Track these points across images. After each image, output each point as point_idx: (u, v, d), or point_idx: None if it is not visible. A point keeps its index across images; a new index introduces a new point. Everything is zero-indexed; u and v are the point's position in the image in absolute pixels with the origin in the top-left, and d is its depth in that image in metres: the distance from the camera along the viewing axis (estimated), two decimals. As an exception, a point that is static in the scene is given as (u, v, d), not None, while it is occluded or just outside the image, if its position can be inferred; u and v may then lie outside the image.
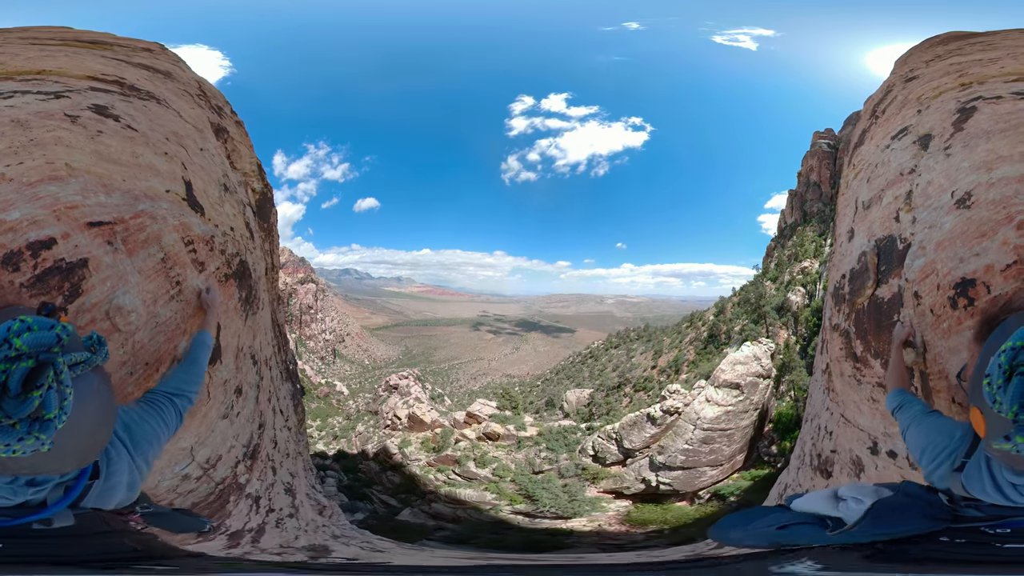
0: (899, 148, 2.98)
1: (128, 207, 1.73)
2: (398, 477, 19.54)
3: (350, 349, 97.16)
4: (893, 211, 2.69)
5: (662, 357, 38.59)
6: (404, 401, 25.55)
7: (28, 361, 1.01)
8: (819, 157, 44.48)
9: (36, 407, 0.99)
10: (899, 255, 2.51)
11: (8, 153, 1.62)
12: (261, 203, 5.60)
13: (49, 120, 1.82)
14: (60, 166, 1.64)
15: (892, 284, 2.58)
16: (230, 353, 2.85)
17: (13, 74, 2.37)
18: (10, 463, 1.06)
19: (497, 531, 13.40)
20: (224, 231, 2.73)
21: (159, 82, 3.24)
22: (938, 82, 3.22)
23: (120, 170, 1.83)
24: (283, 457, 4.91)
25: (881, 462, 2.94)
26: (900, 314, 2.44)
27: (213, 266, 2.41)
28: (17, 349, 1.01)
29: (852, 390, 3.19)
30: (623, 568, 4.63)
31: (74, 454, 1.13)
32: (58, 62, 2.63)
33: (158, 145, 2.27)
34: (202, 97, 4.08)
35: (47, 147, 1.72)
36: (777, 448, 17.91)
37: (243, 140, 4.90)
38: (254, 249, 3.66)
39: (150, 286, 1.75)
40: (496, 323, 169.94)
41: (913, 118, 3.06)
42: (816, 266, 34.88)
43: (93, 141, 1.85)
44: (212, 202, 2.70)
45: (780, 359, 22.73)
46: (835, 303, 3.44)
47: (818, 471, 4.25)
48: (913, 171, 2.69)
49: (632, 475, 17.21)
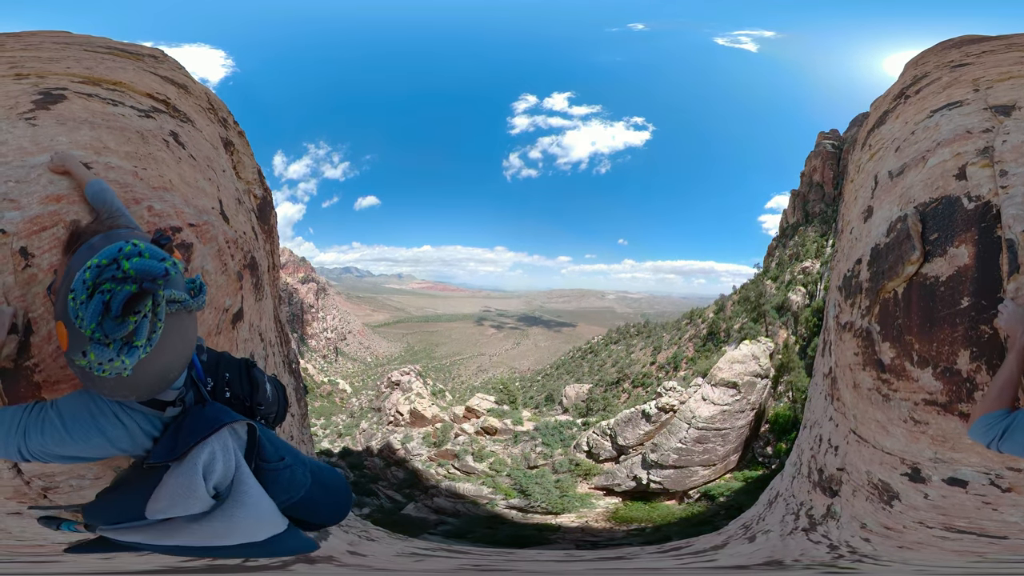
0: (955, 114, 2.58)
1: (199, 216, 2.39)
2: (402, 472, 19.80)
3: (352, 347, 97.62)
4: (954, 168, 2.22)
5: (661, 353, 38.70)
6: (406, 397, 25.81)
7: (132, 286, 1.02)
8: (823, 157, 44.31)
9: (129, 331, 1.01)
10: (968, 216, 2.01)
11: (137, 157, 2.20)
12: (262, 207, 5.83)
13: (155, 140, 2.43)
14: (167, 180, 2.26)
15: (955, 256, 2.01)
16: (247, 320, 3.23)
17: (100, 81, 2.74)
18: (99, 383, 1.07)
19: (491, 525, 13.60)
20: (241, 234, 3.25)
21: (184, 99, 3.61)
22: (1006, 69, 2.92)
23: (191, 191, 2.46)
24: (287, 439, 5.18)
25: (935, 490, 2.42)
26: (1015, 283, 1.80)
27: (238, 258, 2.99)
28: (124, 272, 1.02)
29: (873, 407, 2.61)
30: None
31: (143, 387, 1.13)
32: (127, 75, 3.04)
33: (204, 171, 2.84)
34: (211, 111, 4.33)
35: (159, 163, 2.30)
36: (773, 449, 17.86)
37: (245, 150, 5.14)
38: (259, 248, 3.99)
39: (215, 263, 2.50)
40: (499, 318, 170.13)
41: (970, 94, 2.74)
42: (817, 266, 34.87)
43: (178, 165, 2.47)
44: (232, 213, 3.23)
45: (779, 359, 22.68)
46: (846, 296, 2.86)
47: (818, 487, 3.89)
48: (988, 131, 2.28)
49: (624, 472, 17.30)
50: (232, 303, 2.73)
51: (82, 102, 2.35)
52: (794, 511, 4.65)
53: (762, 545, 5.06)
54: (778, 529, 4.91)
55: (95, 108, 2.35)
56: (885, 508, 2.87)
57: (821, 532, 3.87)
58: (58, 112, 2.18)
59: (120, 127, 2.29)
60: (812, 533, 4.03)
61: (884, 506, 2.86)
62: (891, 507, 2.79)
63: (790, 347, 26.59)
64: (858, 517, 3.25)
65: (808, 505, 4.27)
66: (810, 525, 4.12)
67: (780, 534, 4.75)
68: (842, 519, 3.50)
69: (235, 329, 2.84)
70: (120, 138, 2.21)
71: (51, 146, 1.95)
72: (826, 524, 3.78)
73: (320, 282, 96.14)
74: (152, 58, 4.08)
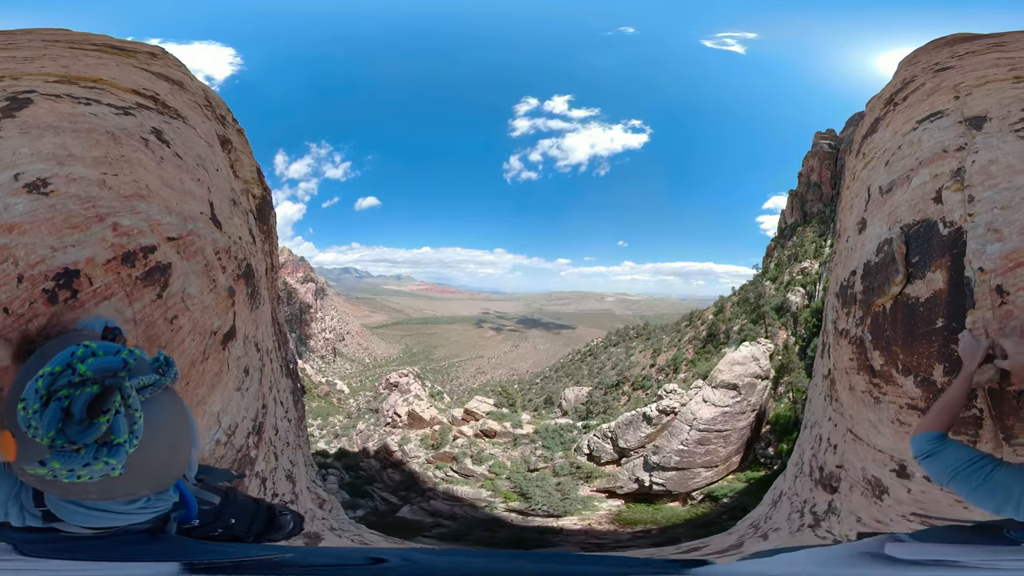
0: (935, 128, 2.65)
1: (182, 226, 2.19)
2: (398, 474, 19.72)
3: (350, 348, 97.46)
4: (932, 191, 2.30)
5: (661, 356, 38.69)
6: (404, 399, 25.72)
7: (93, 387, 1.00)
8: (820, 157, 44.40)
9: (104, 432, 0.98)
10: (943, 242, 2.11)
11: (107, 162, 2.01)
12: (261, 206, 5.75)
13: (131, 139, 2.23)
14: (143, 186, 2.06)
15: (932, 279, 2.13)
16: (241, 336, 3.11)
17: (77, 79, 2.59)
18: (74, 488, 1.04)
19: (490, 529, 13.53)
20: (235, 240, 3.08)
21: (177, 95, 3.47)
22: (983, 73, 2.98)
23: (174, 195, 2.26)
24: (284, 445, 5.09)
25: (916, 486, 2.61)
26: (971, 317, 1.91)
27: (230, 269, 2.81)
28: (81, 375, 1.00)
29: (866, 408, 2.78)
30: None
31: (148, 478, 1.12)
32: (110, 71, 2.88)
33: (193, 171, 2.65)
34: (208, 108, 4.24)
35: (133, 166, 2.10)
36: (774, 450, 17.87)
37: (244, 148, 5.05)
38: (256, 252, 3.90)
39: (200, 282, 2.30)
40: (498, 320, 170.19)
41: (950, 103, 2.80)
42: (816, 266, 34.91)
43: (159, 167, 2.28)
44: (226, 217, 3.06)
45: (779, 360, 22.69)
46: (842, 304, 2.99)
47: (820, 484, 4.05)
48: (962, 148, 2.34)
49: (626, 474, 17.31)
50: (222, 323, 2.58)
51: (49, 104, 2.20)
52: (799, 509, 4.71)
53: (776, 543, 5.11)
54: (786, 527, 4.97)
55: (62, 110, 2.21)
56: (876, 502, 2.98)
57: (825, 528, 3.94)
58: (23, 119, 2.04)
59: (87, 129, 2.14)
60: (817, 529, 4.11)
61: (876, 500, 2.98)
62: (881, 501, 2.92)
63: (790, 348, 26.60)
64: (855, 512, 3.36)
65: (811, 502, 4.35)
66: (815, 522, 4.19)
67: (789, 532, 4.81)
68: (842, 514, 3.60)
69: (226, 349, 2.70)
70: (87, 141, 2.06)
71: (12, 161, 1.78)
72: (828, 520, 3.87)
73: (319, 282, 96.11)
74: (148, 55, 4.00)
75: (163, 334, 2.02)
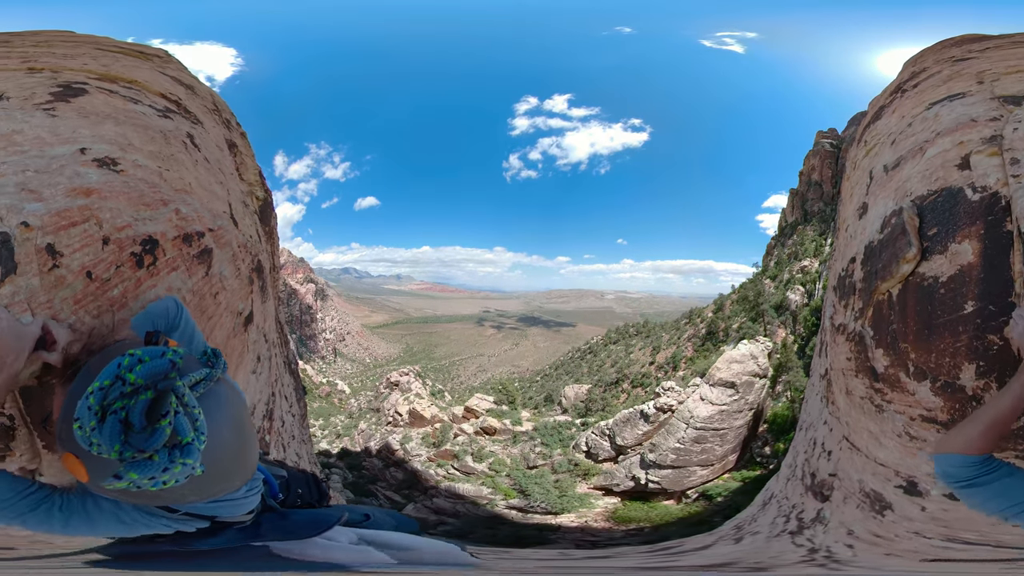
0: (958, 104, 2.36)
1: (215, 221, 2.39)
2: (401, 473, 19.86)
3: (351, 348, 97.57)
4: (955, 158, 1.99)
5: (660, 353, 38.77)
6: (405, 397, 25.85)
7: (147, 393, 0.99)
8: (821, 156, 44.43)
9: (170, 435, 0.97)
10: (972, 209, 1.76)
11: (161, 157, 2.14)
12: (263, 208, 5.87)
13: (176, 140, 2.39)
14: (187, 183, 2.24)
15: (957, 252, 1.74)
16: (256, 322, 3.26)
17: (116, 79, 2.66)
18: (166, 495, 1.03)
19: (492, 526, 13.65)
20: (248, 238, 3.27)
21: (193, 100, 3.59)
22: (1014, 63, 2.69)
23: (206, 194, 2.44)
24: (290, 438, 5.23)
25: (934, 504, 2.26)
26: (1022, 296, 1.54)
27: (247, 261, 3.01)
28: (132, 383, 0.99)
29: (867, 417, 2.41)
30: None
31: (234, 468, 1.13)
32: (142, 74, 2.99)
33: (216, 175, 2.82)
34: (216, 112, 4.36)
35: (180, 165, 2.26)
36: (771, 449, 17.86)
37: (247, 151, 5.17)
38: (263, 251, 4.05)
39: (230, 268, 2.52)
40: (498, 318, 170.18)
41: (974, 86, 2.51)
42: (816, 265, 34.97)
43: (195, 169, 2.45)
44: (240, 217, 3.25)
45: (777, 359, 22.67)
46: (840, 296, 2.63)
47: (810, 491, 3.77)
48: (996, 119, 2.04)
49: (622, 472, 17.38)
50: (244, 307, 2.74)
51: (103, 97, 2.25)
52: (786, 513, 4.57)
53: (746, 547, 4.97)
54: (767, 531, 4.82)
55: (116, 104, 2.26)
56: (876, 517, 2.70)
57: (807, 536, 3.78)
58: (79, 105, 2.07)
59: (144, 125, 2.22)
60: (798, 536, 3.94)
61: (875, 515, 2.69)
62: (883, 516, 2.63)
63: (788, 346, 26.61)
64: (846, 524, 3.14)
65: (800, 508, 4.19)
66: (798, 528, 4.04)
67: (767, 536, 4.67)
68: (830, 524, 3.40)
69: (247, 331, 2.87)
70: (144, 136, 2.14)
71: (73, 138, 1.81)
72: (813, 528, 3.70)
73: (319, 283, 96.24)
74: (159, 58, 4.11)
75: (209, 307, 2.19)
